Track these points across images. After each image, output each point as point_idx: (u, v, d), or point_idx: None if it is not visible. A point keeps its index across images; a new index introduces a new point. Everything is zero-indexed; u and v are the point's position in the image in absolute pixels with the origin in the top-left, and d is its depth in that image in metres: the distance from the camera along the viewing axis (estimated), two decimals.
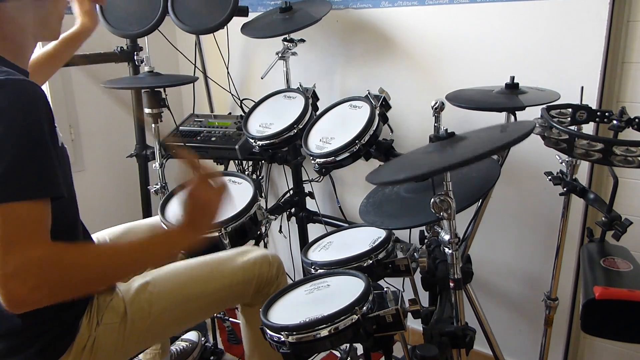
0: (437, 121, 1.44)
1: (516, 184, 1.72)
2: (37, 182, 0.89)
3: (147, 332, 1.27)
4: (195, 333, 2.06)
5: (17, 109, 0.90)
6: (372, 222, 1.33)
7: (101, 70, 2.05)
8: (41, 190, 0.89)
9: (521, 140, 0.96)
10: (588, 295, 0.95)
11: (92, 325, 1.18)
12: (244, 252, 1.44)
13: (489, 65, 1.69)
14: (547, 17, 1.55)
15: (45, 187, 0.90)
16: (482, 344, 1.49)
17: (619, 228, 1.10)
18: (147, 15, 1.92)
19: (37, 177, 0.89)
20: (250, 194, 1.53)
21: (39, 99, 0.93)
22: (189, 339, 2.03)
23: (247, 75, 2.38)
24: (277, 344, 1.12)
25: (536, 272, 1.77)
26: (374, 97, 1.60)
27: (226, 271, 1.38)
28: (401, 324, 1.13)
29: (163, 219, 1.53)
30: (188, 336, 2.05)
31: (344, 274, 1.29)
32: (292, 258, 2.25)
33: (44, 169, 0.91)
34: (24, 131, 0.90)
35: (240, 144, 1.93)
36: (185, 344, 2.00)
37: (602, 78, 1.50)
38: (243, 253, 1.43)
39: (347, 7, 1.96)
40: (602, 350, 1.74)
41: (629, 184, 1.54)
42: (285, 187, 2.22)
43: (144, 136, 2.23)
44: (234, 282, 1.38)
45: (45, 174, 0.91)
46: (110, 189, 2.39)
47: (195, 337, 2.05)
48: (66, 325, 1.14)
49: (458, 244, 1.14)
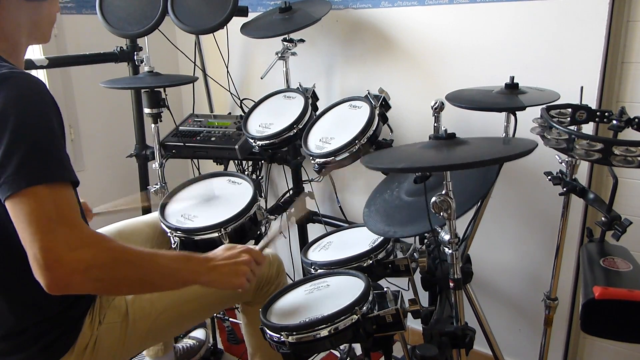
0: (436, 121, 1.44)
1: (516, 184, 1.72)
2: (59, 166, 0.92)
3: (148, 331, 1.27)
4: (202, 331, 2.05)
5: (26, 99, 0.92)
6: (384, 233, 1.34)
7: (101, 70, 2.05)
8: (63, 174, 0.92)
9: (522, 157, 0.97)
10: (588, 295, 0.95)
11: (95, 324, 1.18)
12: None
13: (489, 65, 1.69)
14: (547, 17, 1.55)
15: (66, 171, 0.93)
16: (482, 344, 1.49)
17: (618, 228, 1.10)
18: (147, 15, 1.91)
19: (58, 162, 0.92)
20: (250, 194, 1.53)
21: (43, 91, 0.96)
22: (196, 337, 2.02)
23: (247, 75, 2.38)
24: (277, 344, 1.12)
25: (536, 272, 1.77)
26: (373, 97, 1.60)
27: None
28: (401, 324, 1.13)
29: (163, 218, 1.53)
30: (195, 334, 2.04)
31: (343, 274, 1.29)
32: (292, 258, 2.25)
33: (62, 155, 0.94)
34: (34, 123, 0.92)
35: (240, 144, 1.93)
36: (193, 342, 2.00)
37: (602, 78, 1.50)
38: None
39: (347, 7, 1.96)
40: (602, 350, 1.74)
41: (629, 184, 1.54)
42: (285, 187, 2.22)
43: (144, 136, 2.23)
44: None
45: (63, 159, 0.94)
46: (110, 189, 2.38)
47: (203, 335, 2.04)
48: (69, 324, 1.14)
49: (458, 244, 1.14)
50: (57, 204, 0.88)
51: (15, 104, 0.90)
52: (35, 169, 0.88)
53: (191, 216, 1.49)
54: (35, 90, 0.94)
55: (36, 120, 0.92)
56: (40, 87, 0.96)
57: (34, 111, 0.92)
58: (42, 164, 0.89)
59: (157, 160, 1.97)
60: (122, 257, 0.96)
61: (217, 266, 1.11)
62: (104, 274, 0.92)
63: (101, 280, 0.92)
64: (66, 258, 0.85)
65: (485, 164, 0.98)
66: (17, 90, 0.92)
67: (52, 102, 0.97)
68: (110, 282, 0.95)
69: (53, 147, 0.93)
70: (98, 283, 0.93)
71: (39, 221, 0.85)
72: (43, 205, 0.86)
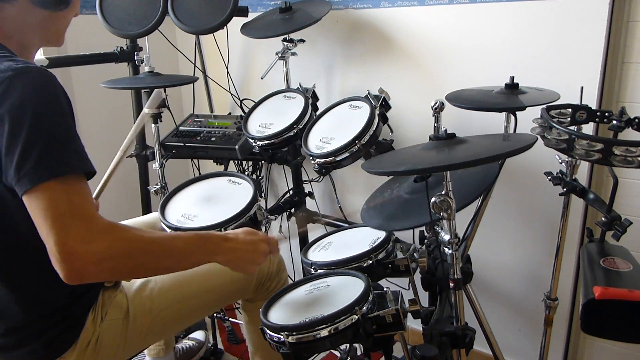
0: (437, 121, 1.44)
1: (516, 184, 1.72)
2: (75, 158, 0.95)
3: (149, 328, 1.27)
4: (202, 332, 2.05)
5: (42, 93, 0.94)
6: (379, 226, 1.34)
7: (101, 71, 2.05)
8: (80, 166, 0.95)
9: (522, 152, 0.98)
10: (588, 295, 0.95)
11: (97, 321, 1.19)
12: None
13: (489, 65, 1.69)
14: (547, 17, 1.55)
15: (83, 163, 0.96)
16: (482, 344, 1.49)
17: (618, 228, 1.10)
18: (147, 15, 1.91)
19: (74, 154, 0.95)
20: (250, 194, 1.52)
21: (58, 86, 0.98)
22: (195, 338, 2.03)
23: (247, 75, 2.38)
24: (277, 344, 1.12)
25: (536, 272, 1.77)
26: (373, 97, 1.60)
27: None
28: (401, 324, 1.13)
29: (163, 218, 1.53)
30: (195, 335, 2.04)
31: (343, 274, 1.29)
32: (292, 258, 2.25)
33: (78, 146, 0.97)
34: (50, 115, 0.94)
35: (240, 144, 1.93)
36: (192, 343, 2.00)
37: (602, 78, 1.50)
38: None
39: (347, 7, 1.96)
40: (602, 350, 1.74)
41: (629, 184, 1.54)
42: (285, 187, 2.22)
43: (144, 136, 2.23)
44: (235, 278, 1.39)
45: (79, 150, 0.97)
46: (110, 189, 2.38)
47: (202, 336, 2.04)
48: (72, 320, 1.15)
49: (458, 244, 1.14)
50: (70, 198, 0.91)
51: (32, 97, 0.92)
52: (51, 163, 0.91)
53: (191, 216, 1.49)
54: (50, 84, 0.96)
55: (52, 114, 0.94)
56: (54, 81, 0.98)
57: (50, 105, 0.94)
58: (58, 157, 0.92)
59: (157, 160, 1.97)
60: (136, 247, 0.97)
61: (237, 249, 1.12)
62: (119, 264, 0.94)
63: (116, 269, 0.95)
64: (80, 251, 0.88)
65: (485, 161, 0.98)
66: (33, 84, 0.94)
67: (64, 94, 0.99)
68: (125, 270, 0.99)
69: (69, 139, 0.95)
70: (114, 272, 0.97)
71: (53, 217, 0.88)
72: (57, 201, 0.89)
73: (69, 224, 0.89)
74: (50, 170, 0.90)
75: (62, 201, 0.90)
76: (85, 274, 0.90)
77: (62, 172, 0.91)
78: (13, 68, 0.94)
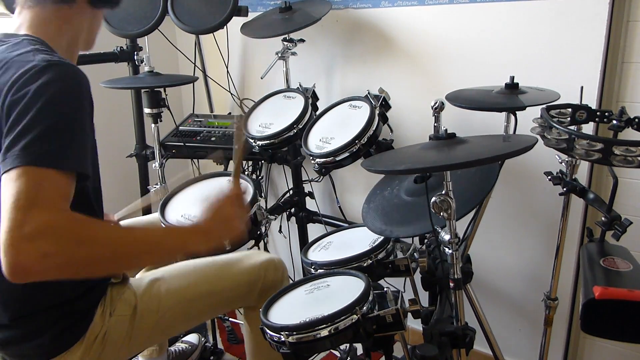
0: (436, 121, 1.44)
1: (516, 184, 1.72)
2: (66, 154, 0.90)
3: (155, 327, 1.28)
4: (195, 335, 2.05)
5: (61, 85, 0.94)
6: (382, 231, 1.34)
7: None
8: (68, 163, 0.90)
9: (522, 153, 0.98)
10: (588, 295, 0.95)
11: (106, 315, 1.19)
12: (251, 255, 1.46)
13: (489, 65, 1.69)
14: (547, 17, 1.55)
15: (73, 161, 0.92)
16: (482, 344, 1.49)
17: (618, 228, 1.10)
18: (147, 15, 1.92)
19: (67, 150, 0.91)
20: (250, 194, 1.52)
21: (85, 85, 0.97)
22: (188, 341, 2.02)
23: (247, 75, 2.37)
24: (277, 344, 1.12)
25: (536, 272, 1.77)
26: (373, 97, 1.60)
27: (234, 272, 1.40)
28: (401, 324, 1.13)
29: (163, 219, 1.52)
30: (188, 338, 2.04)
31: (344, 274, 1.29)
32: (292, 258, 2.25)
33: (75, 145, 0.93)
34: (63, 106, 0.93)
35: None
36: (185, 346, 2.00)
37: (602, 78, 1.50)
38: (250, 256, 1.45)
39: (347, 7, 1.96)
40: (602, 350, 1.74)
41: (629, 184, 1.54)
42: (285, 187, 2.22)
43: (144, 136, 2.23)
44: (241, 283, 1.40)
45: (75, 149, 0.93)
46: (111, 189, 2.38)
47: (196, 339, 2.04)
48: (81, 314, 1.15)
49: (458, 244, 1.14)
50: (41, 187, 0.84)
51: (52, 86, 0.92)
52: (39, 150, 0.87)
53: (191, 216, 1.49)
54: (77, 81, 0.96)
55: (65, 104, 0.93)
56: (82, 78, 0.97)
57: (68, 95, 0.94)
58: (48, 146, 0.88)
59: (157, 160, 1.97)
60: (88, 237, 0.87)
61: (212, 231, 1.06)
62: (65, 261, 0.84)
63: (63, 267, 0.84)
64: (22, 246, 0.80)
65: (485, 161, 0.98)
66: (60, 75, 0.94)
67: (89, 93, 0.98)
68: (77, 265, 0.87)
69: (71, 135, 0.92)
70: (62, 270, 0.85)
71: (16, 204, 0.81)
72: (27, 189, 0.83)
73: (28, 214, 0.81)
74: (34, 157, 0.85)
75: (32, 191, 0.83)
76: (29, 271, 0.81)
77: (47, 163, 0.86)
78: (47, 59, 0.95)
